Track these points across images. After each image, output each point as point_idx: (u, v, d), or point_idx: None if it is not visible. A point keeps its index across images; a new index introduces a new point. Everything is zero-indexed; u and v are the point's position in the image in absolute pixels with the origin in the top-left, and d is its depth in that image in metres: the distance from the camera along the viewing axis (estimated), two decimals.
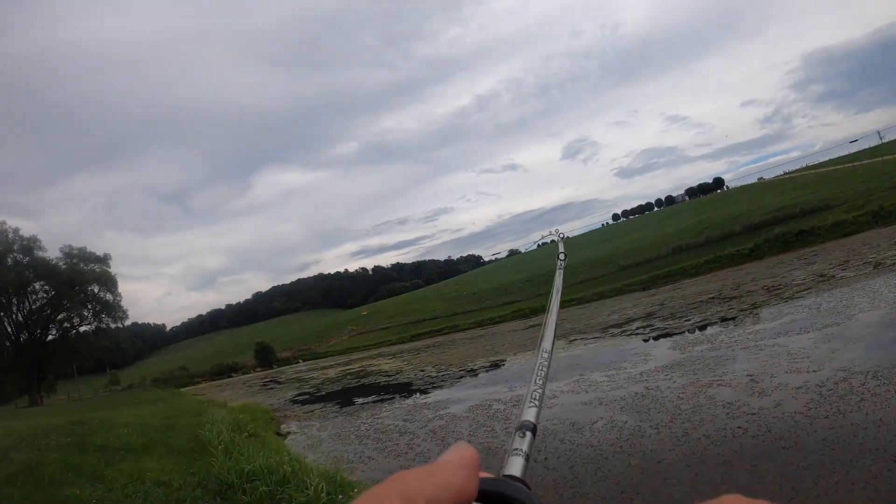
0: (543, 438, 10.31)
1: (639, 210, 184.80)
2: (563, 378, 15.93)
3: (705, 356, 14.07)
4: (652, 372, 13.86)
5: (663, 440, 8.83)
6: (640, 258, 53.11)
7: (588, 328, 26.80)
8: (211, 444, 12.61)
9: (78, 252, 51.45)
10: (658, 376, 13.22)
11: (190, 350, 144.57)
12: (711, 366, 12.90)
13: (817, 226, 37.89)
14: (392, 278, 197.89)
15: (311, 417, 20.94)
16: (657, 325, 22.01)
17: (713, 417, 9.33)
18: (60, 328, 52.17)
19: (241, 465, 10.06)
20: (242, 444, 12.81)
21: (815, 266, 26.24)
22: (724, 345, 14.92)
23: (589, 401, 12.55)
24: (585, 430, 10.37)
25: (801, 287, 21.46)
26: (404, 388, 23.13)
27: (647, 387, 12.44)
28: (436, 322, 62.07)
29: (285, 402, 27.86)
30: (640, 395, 11.87)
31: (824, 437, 7.56)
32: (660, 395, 11.55)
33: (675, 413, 10.02)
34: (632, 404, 11.37)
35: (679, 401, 10.74)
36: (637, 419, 10.25)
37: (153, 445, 13.60)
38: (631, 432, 9.59)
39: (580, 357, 19.09)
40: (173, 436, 15.32)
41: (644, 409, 10.83)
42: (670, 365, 14.11)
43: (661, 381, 12.62)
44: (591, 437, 9.82)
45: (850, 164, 66.04)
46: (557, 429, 10.79)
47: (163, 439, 14.57)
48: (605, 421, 10.63)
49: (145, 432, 15.47)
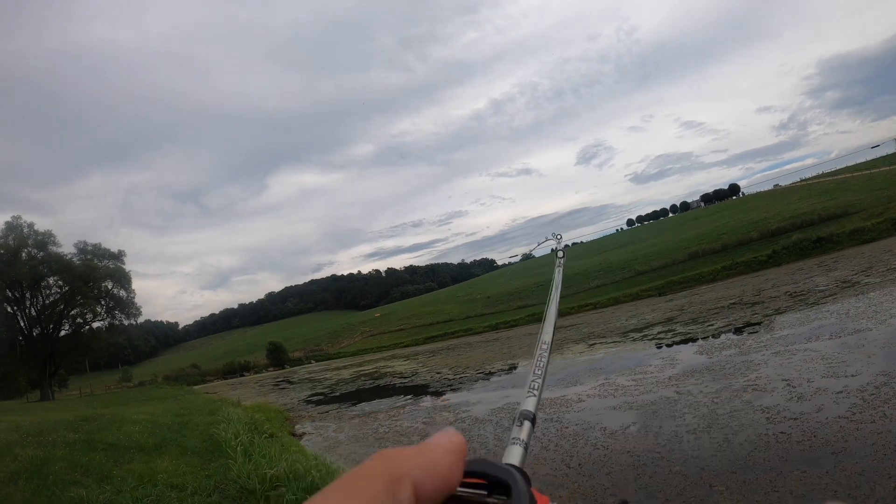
0: (575, 443, 10.11)
1: (653, 216, 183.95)
2: (587, 381, 15.71)
3: (734, 361, 13.79)
4: (680, 376, 13.60)
5: (703, 446, 8.58)
6: (656, 263, 52.73)
7: (607, 332, 26.52)
8: (228, 445, 12.23)
9: (92, 248, 51.56)
10: (688, 381, 12.95)
11: (202, 348, 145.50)
12: (743, 370, 12.61)
13: (836, 233, 37.38)
14: (405, 281, 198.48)
15: (327, 418, 20.71)
16: (679, 330, 21.70)
17: (753, 422, 9.06)
18: (73, 323, 52.17)
19: (263, 469, 9.52)
20: (262, 445, 12.45)
21: (836, 273, 25.81)
22: (752, 349, 14.62)
23: (618, 405, 12.30)
24: (619, 434, 10.12)
25: (826, 293, 21.10)
26: (421, 389, 22.94)
27: (678, 391, 12.18)
28: (449, 325, 61.88)
29: (299, 402, 27.75)
30: (671, 400, 11.61)
31: (874, 441, 7.30)
32: (692, 399, 11.27)
33: (712, 418, 9.75)
34: (664, 409, 11.10)
35: (714, 405, 10.48)
36: (672, 424, 9.99)
37: (165, 444, 13.19)
38: (668, 437, 9.34)
39: (602, 360, 18.86)
40: (186, 434, 14.98)
41: (678, 413, 10.57)
42: (699, 369, 13.84)
43: (692, 386, 12.35)
44: (625, 443, 9.56)
45: (867, 171, 65.16)
46: (589, 434, 10.54)
47: (175, 438, 14.21)
48: (638, 426, 10.38)
49: (157, 430, 15.19)
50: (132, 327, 62.74)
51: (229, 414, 18.11)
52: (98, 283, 50.36)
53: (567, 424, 11.48)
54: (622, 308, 38.87)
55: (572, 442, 10.20)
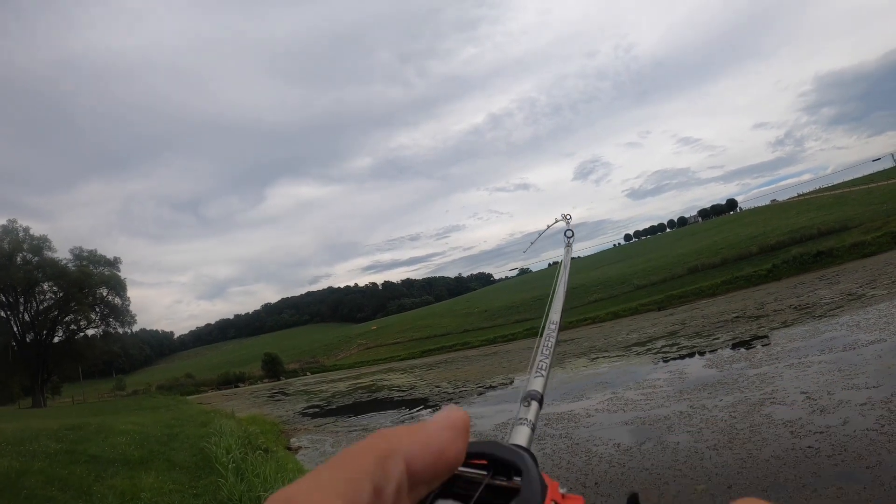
0: (589, 460, 9.68)
1: (651, 231, 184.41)
2: (593, 395, 15.27)
3: (747, 374, 13.40)
4: (692, 390, 13.19)
5: (727, 462, 8.16)
6: (655, 278, 52.47)
7: (609, 346, 26.12)
8: (218, 461, 11.55)
9: (88, 254, 51.04)
10: (700, 394, 12.53)
11: (197, 358, 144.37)
12: (757, 384, 12.22)
13: (835, 247, 37.19)
14: (402, 294, 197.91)
15: (323, 432, 20.13)
16: (684, 344, 21.31)
17: (777, 437, 8.66)
18: (67, 330, 51.53)
19: (257, 491, 8.92)
20: (256, 463, 11.73)
21: (840, 286, 25.51)
22: (764, 362, 14.24)
23: (629, 420, 11.87)
24: (634, 451, 9.67)
25: (832, 305, 20.77)
26: (421, 403, 22.39)
27: (692, 405, 11.75)
28: (447, 339, 61.35)
29: (294, 414, 27.12)
30: (685, 415, 11.19)
31: None
32: (708, 414, 10.85)
33: (732, 433, 9.34)
34: (679, 424, 10.68)
35: (732, 420, 10.06)
36: (690, 439, 9.57)
37: (152, 458, 12.46)
38: (687, 454, 8.91)
39: (607, 374, 18.42)
40: (175, 447, 14.34)
41: (695, 428, 10.14)
42: (710, 383, 13.43)
43: (706, 400, 11.93)
44: (642, 460, 9.12)
45: (865, 186, 65.34)
46: (602, 451, 10.09)
47: (163, 451, 13.54)
48: (654, 442, 9.94)
49: (144, 442, 14.48)
50: (127, 336, 61.95)
51: (222, 426, 17.35)
52: (93, 290, 49.80)
53: (577, 440, 11.04)
54: (622, 322, 38.49)
55: (585, 459, 9.77)
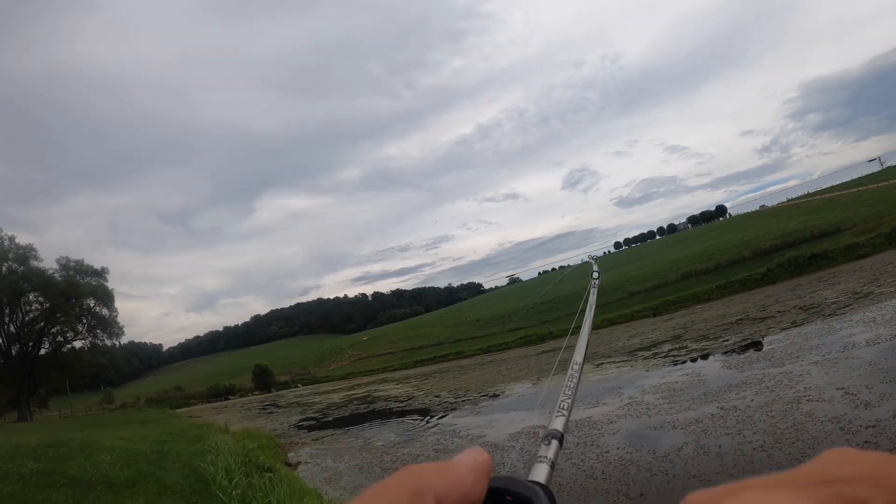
0: (625, 469, 9.09)
1: (640, 238, 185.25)
2: (610, 401, 14.69)
3: (771, 373, 12.90)
4: (716, 392, 12.65)
5: (780, 463, 7.54)
6: (649, 284, 52.19)
7: (612, 352, 25.58)
8: (217, 485, 10.42)
9: (75, 264, 49.38)
10: (727, 395, 11.99)
11: (186, 371, 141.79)
12: (785, 382, 11.72)
13: (830, 249, 37.16)
14: (392, 305, 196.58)
15: (322, 445, 19.28)
16: (692, 347, 20.82)
17: (827, 434, 8.15)
18: (53, 342, 49.69)
19: None
20: (264, 487, 10.38)
21: (841, 286, 25.31)
22: (786, 361, 13.74)
23: (657, 424, 11.28)
24: (673, 457, 9.08)
25: (840, 304, 20.49)
26: (423, 413, 21.58)
27: (721, 407, 11.21)
28: (440, 348, 60.51)
29: (290, 427, 26.17)
30: (717, 416, 10.64)
31: None
32: (742, 414, 10.31)
33: (775, 432, 8.82)
34: (714, 426, 10.14)
35: (771, 419, 9.53)
36: (732, 442, 9.01)
37: (140, 480, 11.18)
38: (734, 457, 8.36)
39: (618, 379, 17.84)
40: (166, 467, 13.04)
41: (733, 430, 9.60)
42: (734, 384, 12.90)
43: (735, 401, 11.38)
44: (686, 466, 8.54)
45: (856, 189, 65.83)
46: (637, 458, 9.49)
47: (153, 472, 12.24)
48: (693, 446, 9.36)
49: (132, 461, 13.16)
50: (115, 348, 60.38)
51: (217, 442, 16.06)
52: (80, 301, 48.18)
53: (606, 448, 10.45)
54: (618, 329, 38.00)
55: (621, 468, 9.16)
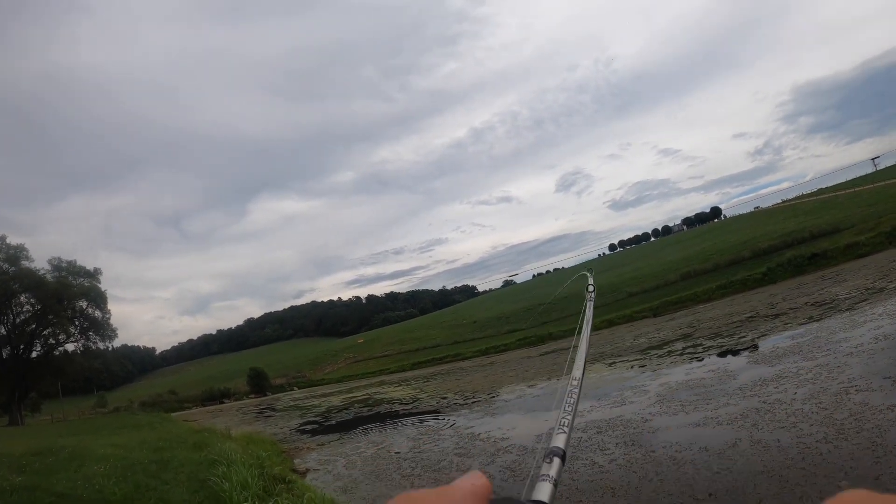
0: (680, 468, 8.68)
1: (635, 240, 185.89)
2: (635, 398, 14.28)
3: (805, 366, 12.57)
4: (752, 386, 12.27)
5: (853, 454, 7.23)
6: (647, 285, 52.07)
7: (620, 351, 25.18)
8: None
9: (67, 265, 48.42)
10: (766, 389, 11.63)
11: (180, 374, 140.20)
12: (824, 375, 11.40)
13: (829, 248, 37.19)
14: (386, 307, 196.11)
15: (329, 450, 18.33)
16: (707, 344, 20.44)
17: (891, 422, 7.81)
18: (45, 344, 48.58)
19: None
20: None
21: (849, 283, 25.17)
22: (818, 354, 13.40)
23: (698, 421, 10.85)
24: (730, 453, 8.66)
25: (855, 299, 20.25)
26: (431, 416, 20.82)
27: (763, 401, 10.84)
28: (437, 350, 60.00)
29: (291, 431, 25.33)
30: (762, 410, 10.27)
31: None
32: (789, 407, 9.97)
33: (834, 423, 8.47)
34: (763, 420, 9.76)
35: (824, 410, 9.20)
36: (789, 435, 8.64)
37: (139, 497, 9.60)
38: (798, 450, 7.97)
39: (638, 378, 17.38)
40: (168, 480, 11.24)
41: (786, 423, 9.24)
42: (768, 378, 12.54)
43: (776, 394, 11.03)
44: (748, 463, 8.09)
45: (852, 189, 66.07)
46: (690, 457, 9.03)
47: (153, 486, 10.48)
48: (747, 441, 8.94)
49: (128, 473, 11.61)
50: (108, 351, 59.38)
51: (224, 450, 14.46)
52: (72, 302, 47.16)
53: (651, 448, 9.99)
54: (619, 329, 37.67)
55: (675, 468, 8.69)
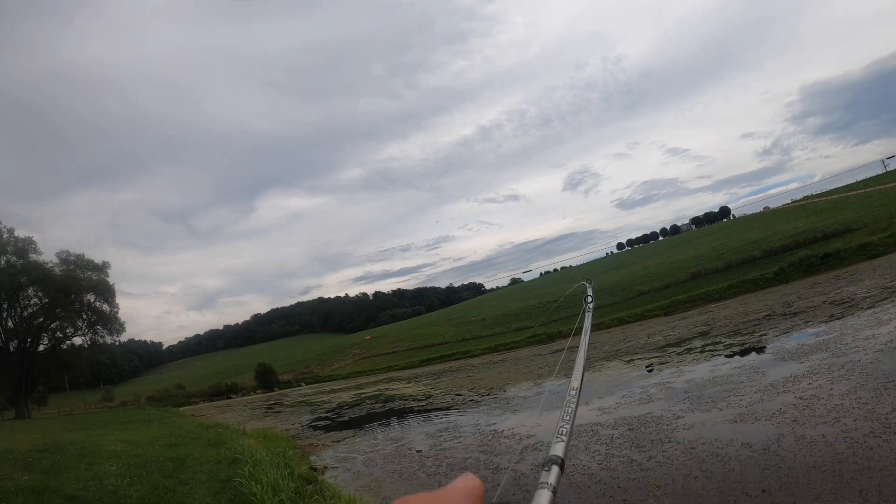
0: (726, 465, 8.55)
1: (643, 239, 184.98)
2: (661, 395, 14.14)
3: (836, 363, 12.41)
4: (784, 382, 12.11)
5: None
6: (657, 284, 51.87)
7: (636, 349, 25.01)
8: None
9: (75, 258, 48.60)
10: (799, 385, 11.49)
11: (186, 369, 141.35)
12: (858, 370, 11.23)
13: (842, 248, 36.96)
14: (393, 304, 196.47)
15: (345, 447, 17.93)
16: (728, 342, 20.25)
17: None
18: (53, 338, 48.73)
19: None
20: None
21: (866, 282, 24.95)
22: (849, 350, 13.22)
23: (735, 417, 10.66)
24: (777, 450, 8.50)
25: (876, 298, 20.04)
26: (449, 413, 20.52)
27: (799, 397, 10.69)
28: (446, 347, 60.04)
29: (303, 427, 25.13)
30: (801, 406, 10.11)
31: None
32: (828, 403, 9.84)
33: (878, 418, 8.33)
34: (803, 416, 9.60)
35: (865, 406, 9.05)
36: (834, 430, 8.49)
37: (157, 500, 8.83)
38: (847, 444, 7.79)
39: (660, 374, 17.23)
40: (187, 480, 10.42)
41: (828, 418, 9.08)
42: (800, 374, 12.38)
43: (811, 390, 10.89)
44: (798, 458, 7.93)
45: (863, 190, 65.54)
46: (734, 453, 8.87)
47: (172, 488, 9.59)
48: (791, 437, 8.77)
49: (142, 472, 10.88)
50: (115, 346, 59.58)
51: (245, 448, 13.62)
52: (80, 296, 47.46)
53: (691, 444, 9.79)
54: (631, 328, 37.44)
55: (720, 465, 8.52)
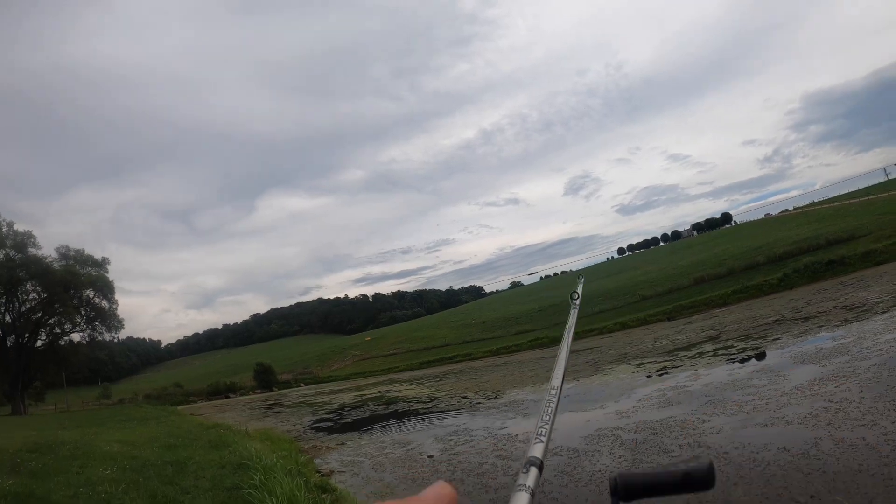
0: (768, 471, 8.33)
1: (644, 245, 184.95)
2: (680, 399, 13.91)
3: (860, 365, 12.21)
4: (811, 385, 11.90)
5: None
6: (660, 289, 51.60)
7: (645, 353, 24.76)
8: None
9: (75, 253, 48.02)
10: (826, 388, 11.26)
11: (185, 368, 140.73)
12: (885, 374, 11.06)
13: (847, 255, 36.99)
14: (393, 306, 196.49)
15: (350, 450, 17.18)
16: (739, 346, 20.01)
17: None
18: (51, 333, 48.23)
19: None
20: None
21: (875, 288, 24.87)
22: (871, 354, 13.00)
23: (765, 422, 10.39)
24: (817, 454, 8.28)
25: (887, 303, 19.95)
26: (454, 415, 20.01)
27: (829, 400, 10.46)
28: (447, 350, 59.59)
29: (305, 429, 24.57)
30: (833, 409, 9.90)
31: None
32: (861, 406, 9.62)
33: None
34: (837, 419, 9.39)
35: None
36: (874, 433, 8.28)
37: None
38: (891, 447, 7.63)
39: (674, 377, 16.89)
40: (189, 487, 9.64)
41: (866, 421, 8.87)
42: (823, 378, 12.16)
43: (841, 393, 10.67)
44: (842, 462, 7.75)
45: (866, 198, 65.49)
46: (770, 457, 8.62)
47: (172, 497, 8.90)
48: (829, 441, 8.56)
49: (139, 477, 9.99)
50: (113, 343, 59.03)
51: (252, 452, 12.68)
52: (79, 291, 46.89)
53: (723, 449, 9.48)
54: (635, 332, 37.16)
55: (760, 471, 8.20)
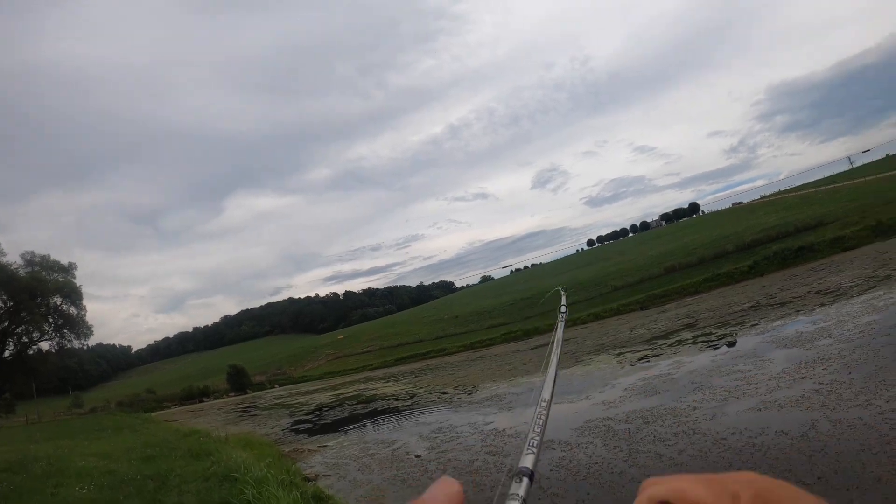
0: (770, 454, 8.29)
1: (613, 236, 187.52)
2: (668, 387, 13.81)
3: (843, 348, 12.27)
4: (798, 368, 11.88)
5: None
6: (631, 279, 52.06)
7: (623, 342, 24.76)
8: None
9: (40, 259, 46.20)
10: (814, 371, 11.26)
11: (156, 373, 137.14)
12: (871, 356, 11.09)
13: (815, 242, 37.68)
14: (364, 304, 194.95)
15: (333, 453, 16.65)
16: (718, 332, 20.13)
17: None
18: (18, 343, 46.44)
19: None
20: None
21: (847, 273, 25.28)
22: (854, 337, 13.08)
23: (757, 406, 10.30)
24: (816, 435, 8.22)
25: (862, 287, 20.19)
26: (436, 412, 19.67)
27: (819, 382, 10.42)
28: (421, 346, 59.17)
29: (283, 431, 23.92)
30: (824, 391, 9.85)
31: None
32: (852, 387, 9.61)
33: None
34: (831, 401, 9.33)
35: (891, 388, 8.91)
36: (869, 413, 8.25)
37: None
38: (890, 426, 7.62)
39: (657, 366, 16.90)
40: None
41: (859, 402, 8.83)
42: (810, 360, 12.17)
43: (829, 375, 10.67)
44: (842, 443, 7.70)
45: (831, 186, 67.14)
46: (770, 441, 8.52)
47: None
48: (826, 422, 8.50)
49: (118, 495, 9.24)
50: (83, 350, 57.12)
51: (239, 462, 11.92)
52: (46, 299, 45.11)
53: (719, 435, 9.36)
54: (609, 322, 37.30)
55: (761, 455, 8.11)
